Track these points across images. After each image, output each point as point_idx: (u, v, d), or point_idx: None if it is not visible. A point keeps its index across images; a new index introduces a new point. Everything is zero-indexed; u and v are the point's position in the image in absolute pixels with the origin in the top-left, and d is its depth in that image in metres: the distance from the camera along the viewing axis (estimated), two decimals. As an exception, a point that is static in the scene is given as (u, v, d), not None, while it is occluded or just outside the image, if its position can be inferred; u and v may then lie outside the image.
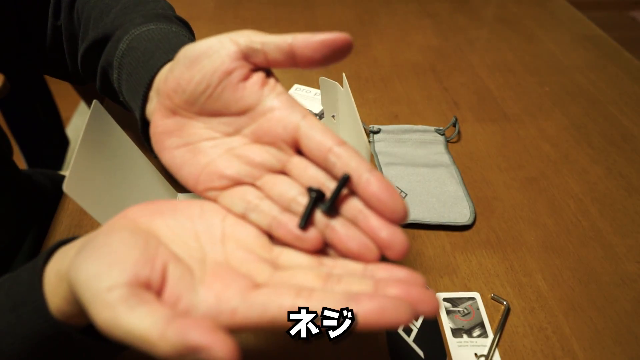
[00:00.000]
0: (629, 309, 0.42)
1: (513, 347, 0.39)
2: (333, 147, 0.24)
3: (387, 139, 0.59)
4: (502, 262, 0.46)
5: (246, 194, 0.25)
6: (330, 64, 0.25)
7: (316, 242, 0.24)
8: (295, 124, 0.25)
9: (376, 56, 0.76)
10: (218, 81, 0.25)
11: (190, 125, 0.27)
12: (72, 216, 0.49)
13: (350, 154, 0.24)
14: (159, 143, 0.28)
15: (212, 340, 0.17)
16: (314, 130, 0.24)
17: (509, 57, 0.77)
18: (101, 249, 0.21)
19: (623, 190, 0.54)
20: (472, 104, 0.67)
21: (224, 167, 0.26)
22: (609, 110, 0.66)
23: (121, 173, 0.39)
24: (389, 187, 0.23)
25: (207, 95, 0.26)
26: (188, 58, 0.25)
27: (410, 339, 0.39)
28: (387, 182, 0.23)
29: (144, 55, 0.33)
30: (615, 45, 0.80)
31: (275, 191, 0.25)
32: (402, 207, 0.22)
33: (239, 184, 0.26)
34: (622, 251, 0.47)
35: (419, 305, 0.19)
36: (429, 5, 0.91)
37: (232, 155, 0.26)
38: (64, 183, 0.30)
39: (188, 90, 0.26)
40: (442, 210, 0.49)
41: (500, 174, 0.56)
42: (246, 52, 0.25)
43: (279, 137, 0.25)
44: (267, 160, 0.26)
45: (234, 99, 0.26)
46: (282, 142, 0.25)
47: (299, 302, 0.19)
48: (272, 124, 0.25)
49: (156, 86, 0.31)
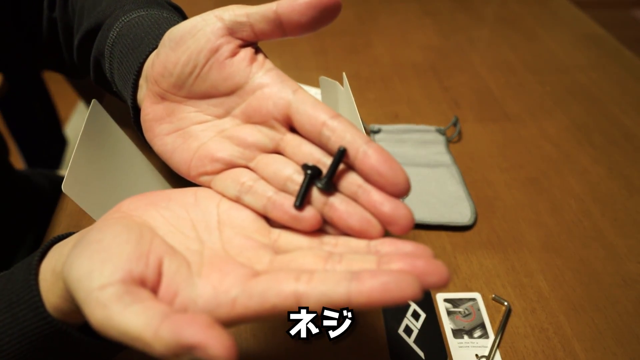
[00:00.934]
0: (631, 309, 0.42)
1: (514, 348, 0.39)
2: (327, 120, 0.23)
3: (387, 139, 0.59)
4: (503, 262, 0.46)
5: (239, 176, 0.25)
6: (320, 27, 0.24)
7: (314, 221, 0.23)
8: (286, 99, 0.24)
9: (376, 55, 0.76)
10: (205, 60, 0.25)
11: (180, 110, 0.27)
12: (70, 216, 0.49)
13: (345, 127, 0.23)
14: (150, 131, 0.28)
15: (208, 337, 0.16)
16: (305, 105, 0.24)
17: (510, 56, 0.77)
18: (93, 245, 0.20)
19: (625, 190, 0.54)
20: (473, 103, 0.66)
21: (215, 150, 0.25)
22: (611, 110, 0.66)
23: (120, 173, 0.39)
24: (389, 158, 0.22)
25: (195, 76, 0.25)
26: (173, 40, 0.25)
27: (410, 339, 0.39)
28: (386, 154, 0.22)
29: (133, 42, 0.32)
30: (617, 45, 0.80)
31: (269, 171, 0.24)
32: (403, 179, 0.21)
33: (232, 167, 0.25)
34: (623, 251, 0.47)
35: (426, 277, 0.18)
36: (429, 4, 0.91)
37: (223, 137, 0.26)
38: (63, 183, 0.30)
39: (175, 72, 0.25)
40: (443, 211, 0.49)
41: (501, 173, 0.55)
42: (232, 27, 0.25)
43: (270, 114, 0.25)
44: (259, 140, 0.25)
45: (222, 78, 0.25)
46: (273, 120, 0.25)
47: (299, 287, 0.19)
48: (262, 101, 0.25)
49: (145, 72, 0.30)
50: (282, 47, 0.77)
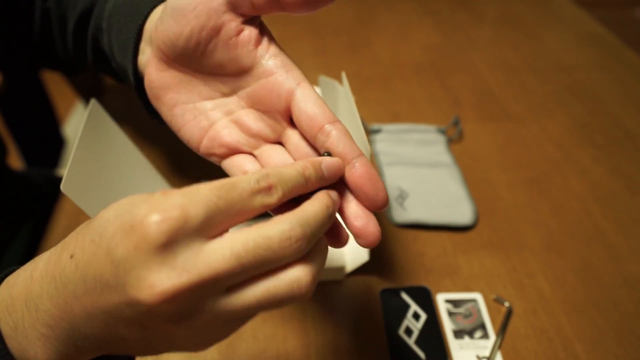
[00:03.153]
0: (632, 310, 0.42)
1: (515, 349, 0.39)
2: (324, 126, 0.24)
3: (388, 139, 0.58)
4: (504, 263, 0.45)
5: (244, 165, 0.27)
6: (319, 6, 0.24)
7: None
8: (290, 92, 0.25)
9: (377, 55, 0.76)
10: (208, 38, 0.25)
11: (187, 82, 0.27)
12: (69, 216, 0.49)
13: (339, 136, 0.24)
14: (157, 98, 0.28)
15: None
16: (307, 104, 0.24)
17: (511, 55, 0.77)
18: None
19: (626, 190, 0.53)
20: (474, 103, 0.66)
21: (224, 134, 0.27)
22: (612, 110, 0.65)
23: (119, 172, 0.38)
24: (372, 176, 0.23)
25: (200, 53, 0.25)
26: (174, 9, 0.25)
27: (411, 340, 0.39)
28: (371, 171, 0.23)
29: (130, 8, 0.32)
30: (619, 44, 0.79)
31: (270, 163, 0.26)
32: (382, 198, 0.23)
33: (238, 152, 0.27)
34: (625, 252, 0.47)
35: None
36: (430, 3, 0.91)
37: (230, 122, 0.27)
38: (62, 183, 0.30)
39: (179, 45, 0.25)
40: (444, 211, 0.49)
41: (502, 174, 0.55)
42: (233, 1, 0.25)
43: (274, 106, 0.25)
44: (262, 130, 0.26)
45: (228, 59, 0.25)
46: (276, 111, 0.25)
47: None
48: (266, 92, 0.25)
49: (147, 35, 0.30)
50: (282, 46, 0.77)
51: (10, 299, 0.21)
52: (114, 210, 0.19)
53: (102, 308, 0.19)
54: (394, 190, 0.52)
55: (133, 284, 0.18)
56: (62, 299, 0.20)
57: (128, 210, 0.19)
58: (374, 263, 0.44)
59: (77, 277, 0.19)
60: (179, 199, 0.18)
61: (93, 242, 0.19)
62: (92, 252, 0.19)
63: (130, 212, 0.18)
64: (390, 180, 0.53)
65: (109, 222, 0.19)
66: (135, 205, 0.19)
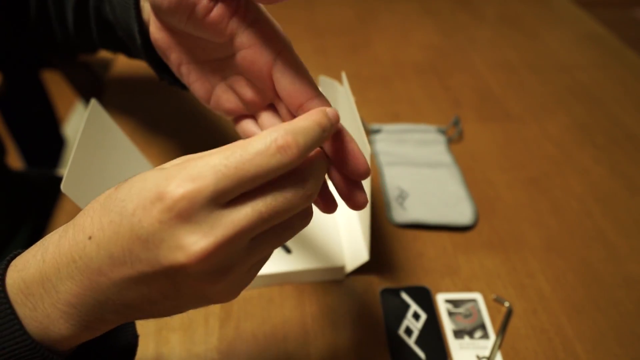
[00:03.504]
0: (632, 310, 0.42)
1: (515, 349, 0.39)
2: (304, 103, 0.25)
3: (388, 139, 0.58)
4: (504, 263, 0.45)
5: (250, 129, 0.29)
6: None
7: None
8: (269, 65, 0.25)
9: (377, 55, 0.76)
10: (184, 14, 0.25)
11: (185, 44, 0.28)
12: (69, 216, 0.49)
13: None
14: (165, 56, 0.29)
15: None
16: (285, 81, 0.25)
17: (511, 55, 0.77)
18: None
19: (626, 190, 0.53)
20: (474, 103, 0.66)
21: (224, 100, 0.29)
22: (612, 110, 0.65)
23: (119, 172, 0.38)
24: (355, 151, 0.24)
25: (184, 25, 0.26)
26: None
27: (411, 340, 0.39)
28: (353, 147, 0.24)
29: None
30: (619, 44, 0.79)
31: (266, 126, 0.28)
32: (363, 171, 0.24)
33: (240, 116, 0.30)
34: (625, 252, 0.47)
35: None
36: (430, 3, 0.91)
37: (228, 88, 0.29)
38: (62, 183, 0.30)
39: (163, 12, 0.26)
40: (444, 211, 0.49)
41: (502, 174, 0.55)
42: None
43: (258, 80, 0.26)
44: (255, 99, 0.28)
45: (207, 36, 0.26)
46: (263, 81, 0.26)
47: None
48: (249, 64, 0.26)
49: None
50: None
51: (24, 283, 0.21)
52: (128, 188, 0.20)
53: (134, 279, 0.20)
54: (394, 190, 0.52)
55: (166, 255, 0.19)
56: (85, 276, 0.20)
57: (143, 187, 0.19)
58: (374, 263, 0.44)
59: (101, 255, 0.20)
60: (191, 170, 0.19)
61: (113, 222, 0.20)
62: (114, 231, 0.19)
63: (146, 188, 0.19)
64: (390, 180, 0.53)
65: (127, 201, 0.19)
66: (150, 181, 0.19)
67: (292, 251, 0.43)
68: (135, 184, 0.20)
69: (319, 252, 0.43)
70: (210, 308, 0.41)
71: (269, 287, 0.43)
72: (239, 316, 0.40)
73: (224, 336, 0.39)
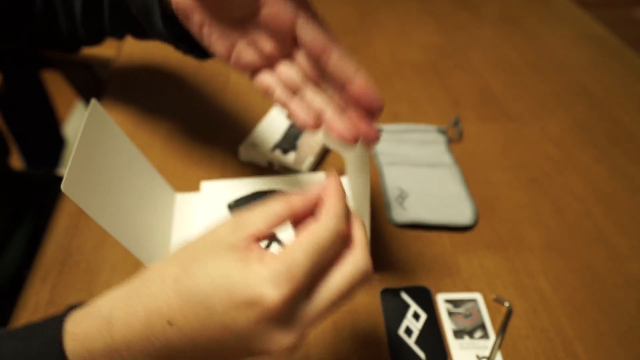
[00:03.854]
0: (633, 310, 0.42)
1: (515, 349, 0.39)
2: (324, 51, 0.27)
3: (388, 139, 0.58)
4: (504, 263, 0.45)
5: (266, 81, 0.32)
6: None
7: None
8: (291, 19, 0.28)
9: (377, 54, 0.76)
10: None
11: (207, 5, 0.30)
12: (69, 216, 0.49)
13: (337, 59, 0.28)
14: (186, 19, 0.31)
15: None
16: (306, 32, 0.28)
17: (512, 55, 0.77)
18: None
19: (627, 190, 0.53)
20: (474, 102, 0.66)
21: (244, 55, 0.32)
22: (613, 110, 0.65)
23: (119, 172, 0.38)
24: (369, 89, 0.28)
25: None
26: None
27: (411, 340, 0.39)
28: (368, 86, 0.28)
29: None
30: (619, 44, 0.79)
31: (284, 77, 0.31)
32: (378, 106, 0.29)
33: (258, 69, 0.32)
34: (626, 252, 0.47)
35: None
36: (430, 2, 0.91)
37: (247, 44, 0.31)
38: (62, 183, 0.30)
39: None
40: (444, 211, 0.49)
41: (503, 174, 0.55)
42: None
43: (279, 32, 0.29)
44: (273, 51, 0.31)
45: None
46: (283, 35, 0.29)
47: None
48: (271, 19, 0.29)
49: None
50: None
51: (89, 353, 0.23)
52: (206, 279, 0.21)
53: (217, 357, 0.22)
54: (394, 190, 0.52)
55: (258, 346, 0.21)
56: (163, 354, 0.22)
57: (231, 285, 0.21)
58: (374, 263, 0.44)
59: (184, 341, 0.22)
60: (280, 267, 0.21)
61: (200, 316, 0.21)
62: (200, 323, 0.21)
63: (236, 289, 0.20)
64: (390, 180, 0.53)
65: (214, 297, 0.21)
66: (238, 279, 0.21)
67: (292, 251, 0.43)
68: (216, 278, 0.21)
69: (319, 252, 0.43)
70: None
71: (269, 287, 0.43)
72: (239, 316, 0.40)
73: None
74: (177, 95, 0.65)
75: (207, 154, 0.56)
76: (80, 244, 0.46)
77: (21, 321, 0.40)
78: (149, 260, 0.38)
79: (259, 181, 0.50)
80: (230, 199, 0.48)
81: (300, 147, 0.55)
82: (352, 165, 0.44)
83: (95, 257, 0.45)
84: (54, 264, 0.44)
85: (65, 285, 0.42)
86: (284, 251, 0.21)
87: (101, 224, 0.33)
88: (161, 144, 0.58)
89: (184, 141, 0.58)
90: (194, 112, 0.62)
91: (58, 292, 0.42)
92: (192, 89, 0.66)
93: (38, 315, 0.40)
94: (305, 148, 0.55)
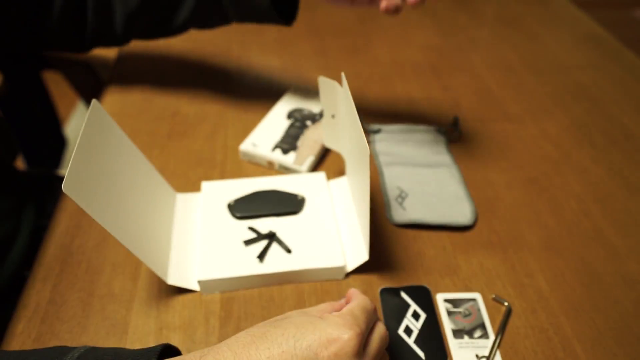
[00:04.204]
0: (631, 309, 0.42)
1: (514, 348, 0.39)
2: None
3: (387, 139, 0.59)
4: (503, 262, 0.46)
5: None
6: None
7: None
8: None
9: (376, 55, 0.76)
10: None
11: None
12: (70, 217, 0.49)
13: None
14: None
15: None
16: None
17: (510, 56, 0.77)
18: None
19: (625, 190, 0.54)
20: (473, 103, 0.66)
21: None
22: (611, 110, 0.66)
23: (120, 172, 0.39)
24: None
25: None
26: None
27: (410, 340, 0.39)
28: None
29: None
30: (618, 45, 0.80)
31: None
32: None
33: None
34: (624, 252, 0.47)
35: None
36: (429, 3, 0.91)
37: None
38: (63, 183, 0.30)
39: None
40: (443, 211, 0.49)
41: (502, 174, 0.55)
42: None
43: None
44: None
45: None
46: None
47: None
48: None
49: None
50: (282, 47, 0.77)
51: None
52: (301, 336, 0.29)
53: None
54: (394, 190, 0.52)
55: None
56: None
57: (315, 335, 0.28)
58: (374, 262, 0.44)
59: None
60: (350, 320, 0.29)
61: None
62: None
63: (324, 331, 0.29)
64: (389, 180, 0.53)
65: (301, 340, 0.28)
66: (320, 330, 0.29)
67: (292, 251, 0.43)
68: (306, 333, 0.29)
69: (319, 251, 0.43)
70: (210, 307, 0.41)
71: (269, 287, 0.43)
72: (239, 316, 0.41)
73: (225, 336, 0.39)
74: (177, 95, 0.65)
75: (207, 154, 0.57)
76: (81, 244, 0.46)
77: (22, 321, 0.40)
78: (149, 260, 0.38)
79: (259, 181, 0.50)
80: (230, 199, 0.48)
81: (300, 147, 0.55)
82: (352, 165, 0.44)
83: (96, 257, 0.45)
84: (55, 263, 0.44)
85: (66, 285, 0.43)
86: (345, 311, 0.31)
87: (102, 224, 0.33)
88: (162, 144, 0.58)
89: (184, 141, 0.58)
90: (194, 112, 0.63)
91: (59, 292, 0.42)
92: (192, 89, 0.66)
93: (39, 315, 0.40)
94: (305, 148, 0.55)
